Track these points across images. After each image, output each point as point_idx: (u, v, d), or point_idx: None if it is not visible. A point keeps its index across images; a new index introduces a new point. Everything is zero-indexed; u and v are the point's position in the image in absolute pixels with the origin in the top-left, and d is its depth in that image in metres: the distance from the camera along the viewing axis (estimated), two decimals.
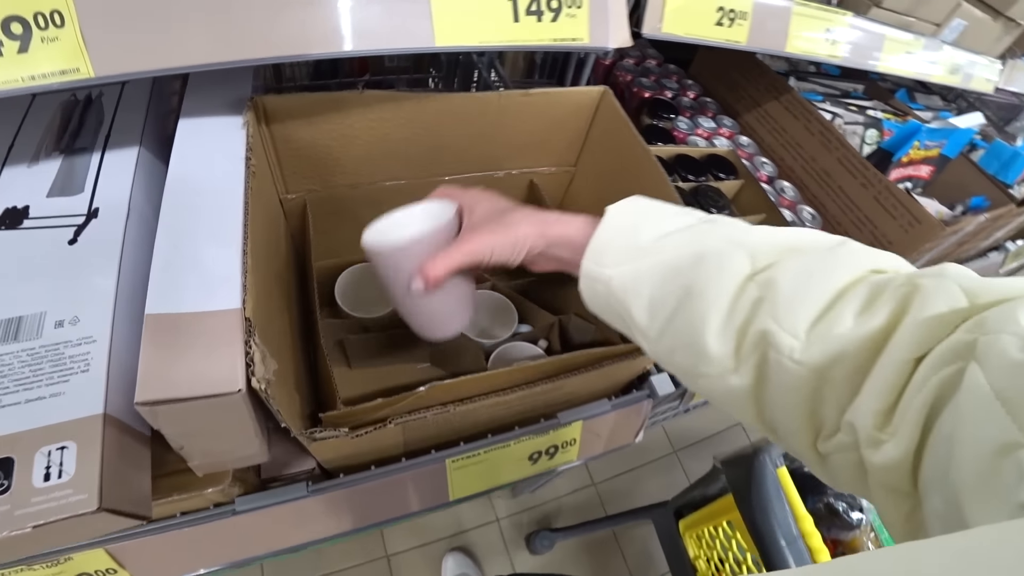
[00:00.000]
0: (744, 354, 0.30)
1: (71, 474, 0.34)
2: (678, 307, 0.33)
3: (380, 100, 0.55)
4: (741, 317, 0.30)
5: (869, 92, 1.01)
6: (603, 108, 0.63)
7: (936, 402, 0.22)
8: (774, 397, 0.29)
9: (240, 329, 0.36)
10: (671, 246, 0.34)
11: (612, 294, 0.36)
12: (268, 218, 0.53)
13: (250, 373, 0.35)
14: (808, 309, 0.28)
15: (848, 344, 0.26)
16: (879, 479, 0.25)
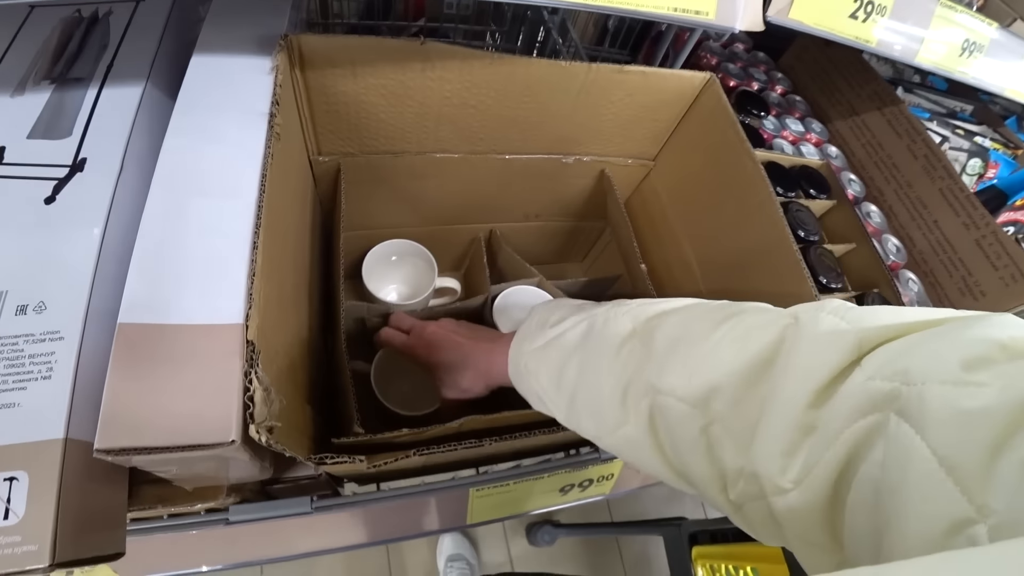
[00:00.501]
0: (632, 404, 0.30)
1: (20, 515, 0.25)
2: (578, 376, 0.33)
3: (444, 56, 0.43)
4: (628, 371, 0.30)
5: (978, 115, 0.85)
6: (704, 99, 0.50)
7: (851, 457, 0.20)
8: (672, 441, 0.28)
9: (240, 353, 0.26)
10: (570, 324, 0.36)
11: (528, 373, 0.37)
12: (292, 185, 0.42)
13: (248, 416, 0.25)
14: (684, 347, 0.28)
15: (724, 374, 0.25)
16: (793, 531, 0.23)
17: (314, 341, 0.46)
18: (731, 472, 0.25)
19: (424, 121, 0.48)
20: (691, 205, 0.54)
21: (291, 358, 0.35)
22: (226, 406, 0.25)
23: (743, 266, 0.49)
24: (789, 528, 0.22)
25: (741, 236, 0.48)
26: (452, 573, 0.92)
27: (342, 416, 0.44)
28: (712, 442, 0.26)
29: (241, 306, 0.27)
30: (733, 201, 0.48)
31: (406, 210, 0.60)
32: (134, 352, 0.25)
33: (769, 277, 0.46)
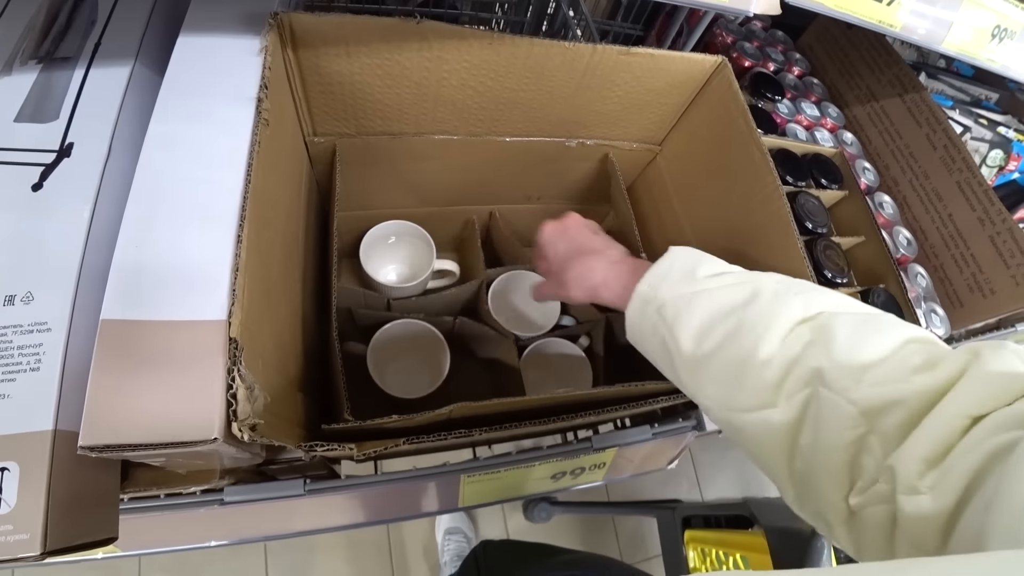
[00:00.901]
0: (789, 389, 0.29)
1: (12, 505, 0.26)
2: (727, 338, 0.31)
3: (442, 35, 0.41)
4: (791, 354, 0.29)
5: (1004, 104, 0.81)
6: (714, 84, 0.48)
7: (985, 466, 0.21)
8: (815, 438, 0.27)
9: (222, 350, 0.26)
10: (727, 283, 0.34)
11: (662, 318, 0.35)
12: (285, 170, 0.41)
13: (231, 413, 0.25)
14: (866, 355, 0.27)
15: (906, 394, 0.25)
16: (907, 532, 0.23)
17: (308, 325, 0.46)
18: (867, 477, 0.25)
19: (422, 102, 0.46)
20: (696, 192, 0.52)
21: (280, 348, 0.35)
22: (209, 403, 0.25)
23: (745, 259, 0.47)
24: (904, 528, 0.23)
25: (745, 228, 0.47)
26: (450, 545, 0.94)
27: (336, 401, 0.44)
28: (863, 449, 0.25)
29: (224, 302, 0.27)
30: (739, 191, 0.46)
31: (404, 191, 0.59)
32: (117, 349, 0.25)
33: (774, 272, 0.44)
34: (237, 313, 0.27)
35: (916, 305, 0.63)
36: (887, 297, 0.56)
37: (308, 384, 0.43)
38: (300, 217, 0.46)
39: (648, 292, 0.36)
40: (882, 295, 0.56)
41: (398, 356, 0.58)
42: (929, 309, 0.65)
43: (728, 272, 0.35)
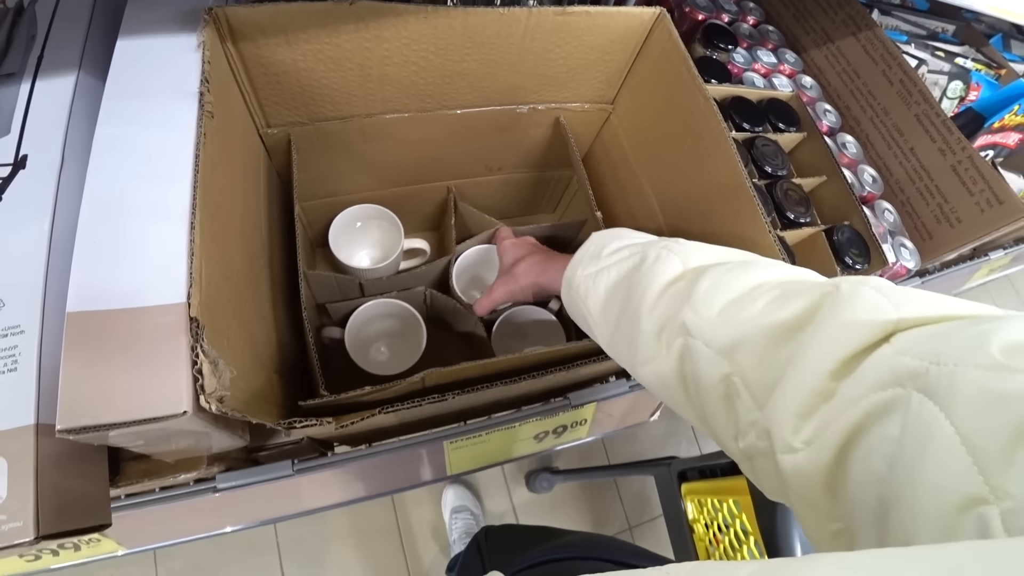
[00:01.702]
0: (666, 340, 0.32)
1: (3, 497, 0.28)
2: (621, 305, 0.36)
3: (376, 14, 0.42)
4: (667, 309, 0.32)
5: (960, 35, 0.82)
6: (656, 36, 0.49)
7: (862, 426, 0.21)
8: (696, 384, 0.30)
9: (185, 330, 0.28)
10: (623, 256, 0.38)
11: (579, 296, 0.40)
12: (238, 163, 0.43)
13: (198, 387, 0.27)
14: (722, 296, 0.29)
15: (753, 328, 0.26)
16: (794, 488, 0.24)
17: (279, 313, 0.48)
18: (743, 424, 0.27)
19: (367, 83, 0.48)
20: (651, 147, 0.54)
21: (248, 331, 0.37)
22: (176, 380, 0.27)
23: (703, 208, 0.49)
24: (792, 486, 0.24)
25: (699, 177, 0.49)
26: (457, 523, 0.98)
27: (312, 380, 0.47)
28: (730, 391, 0.27)
29: (183, 286, 0.29)
30: (689, 141, 0.48)
31: (365, 174, 0.60)
32: (85, 339, 0.27)
33: (729, 218, 0.46)
34: (195, 295, 0.29)
35: (885, 239, 0.65)
36: (852, 233, 0.58)
37: (286, 368, 0.46)
38: (261, 208, 0.48)
39: (569, 275, 0.42)
40: (847, 231, 0.58)
41: (376, 335, 0.61)
42: (898, 243, 0.67)
43: (628, 245, 0.38)
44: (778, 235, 0.54)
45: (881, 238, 0.65)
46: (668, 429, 1.20)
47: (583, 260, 0.41)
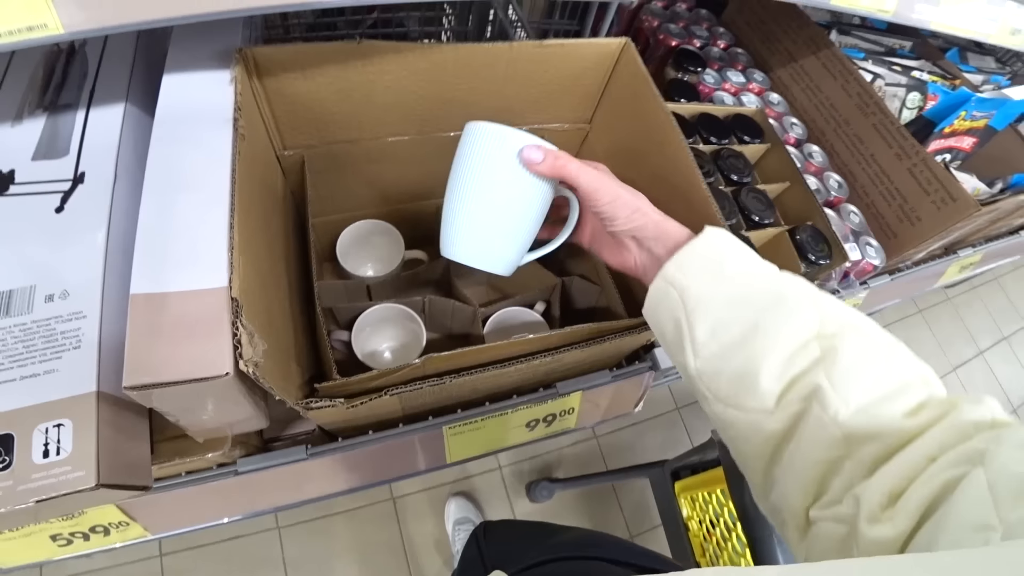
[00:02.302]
0: (787, 401, 0.32)
1: (68, 451, 0.34)
2: (742, 337, 0.34)
3: (380, 51, 0.51)
4: (798, 367, 0.32)
5: (917, 50, 0.91)
6: (623, 62, 0.57)
7: (938, 496, 0.25)
8: (796, 450, 0.31)
9: (227, 309, 0.35)
10: (754, 281, 0.36)
11: (683, 302, 0.37)
12: (262, 179, 0.50)
13: (238, 355, 0.34)
14: (864, 384, 0.30)
15: (888, 432, 0.28)
16: (865, 551, 0.26)
17: (296, 312, 0.55)
18: (831, 496, 0.29)
19: (372, 110, 0.56)
20: (625, 161, 0.62)
21: (272, 322, 0.44)
22: (219, 348, 0.34)
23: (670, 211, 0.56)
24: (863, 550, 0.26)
25: (665, 186, 0.56)
26: (460, 535, 1.02)
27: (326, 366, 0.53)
28: (836, 470, 0.29)
29: (225, 274, 0.36)
30: (655, 152, 0.56)
31: (370, 192, 0.68)
32: (145, 314, 0.34)
33: (691, 219, 0.53)
34: (235, 280, 0.35)
35: (849, 239, 0.72)
36: (813, 232, 0.65)
37: (302, 359, 0.52)
38: (279, 220, 0.56)
39: (674, 274, 0.38)
40: (808, 230, 0.65)
41: (380, 337, 0.67)
42: (864, 242, 0.74)
43: (756, 269, 0.37)
44: (742, 234, 0.61)
45: (848, 237, 0.73)
46: (666, 438, 1.24)
47: (696, 262, 0.38)
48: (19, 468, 0.34)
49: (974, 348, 2.00)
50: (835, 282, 0.70)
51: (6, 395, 0.35)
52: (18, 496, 0.33)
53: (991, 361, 1.99)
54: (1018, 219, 0.88)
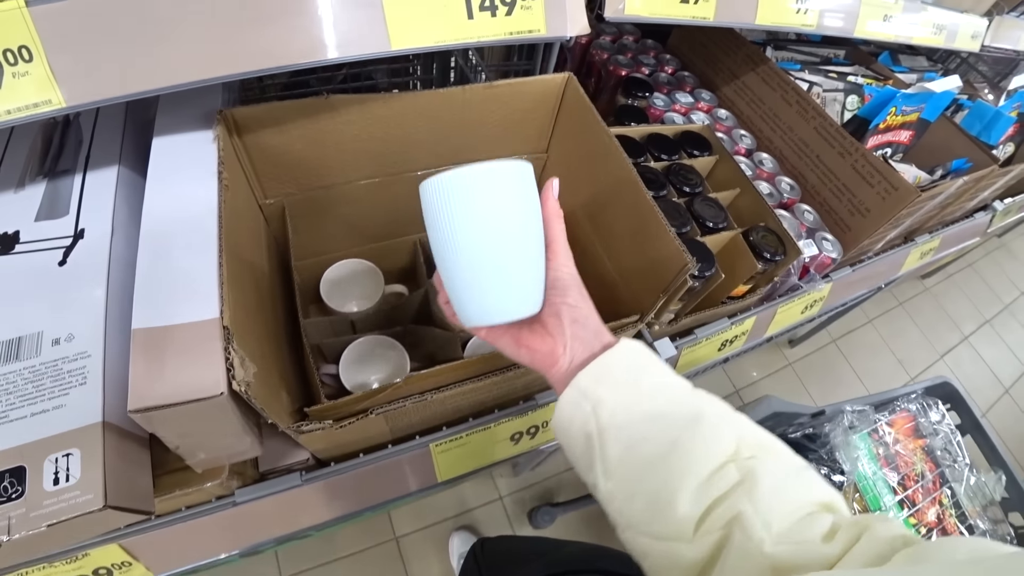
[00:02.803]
0: (706, 528, 0.32)
1: (77, 477, 0.39)
2: (659, 455, 0.33)
3: (347, 104, 0.58)
4: (717, 490, 0.32)
5: (851, 57, 1.00)
6: (568, 94, 0.65)
7: None
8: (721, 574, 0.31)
9: (220, 337, 0.40)
10: (671, 396, 0.36)
11: (596, 416, 0.36)
12: (246, 226, 0.56)
13: (231, 377, 0.39)
14: (785, 509, 0.31)
15: (811, 559, 0.30)
16: None
17: (285, 355, 0.59)
18: None
19: (343, 156, 0.63)
20: (580, 182, 0.68)
21: (262, 352, 0.49)
22: (214, 371, 0.38)
23: (623, 225, 0.62)
24: None
25: (615, 199, 0.62)
26: None
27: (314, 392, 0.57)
28: None
29: (216, 306, 0.41)
30: (604, 171, 0.62)
31: (348, 233, 0.74)
32: (146, 346, 0.39)
33: (640, 229, 0.59)
34: (226, 312, 0.40)
35: (804, 236, 0.78)
36: (766, 231, 0.71)
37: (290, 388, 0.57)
38: (264, 264, 0.61)
39: (589, 384, 0.37)
40: (761, 230, 0.71)
41: (367, 369, 0.72)
42: (820, 238, 0.80)
43: (673, 384, 0.37)
44: (696, 239, 0.67)
45: (803, 235, 0.79)
46: None
47: (612, 374, 0.37)
48: (31, 496, 0.38)
49: (958, 334, 2.08)
50: (795, 277, 0.75)
51: (18, 431, 0.39)
52: (31, 522, 0.37)
53: (976, 345, 2.06)
54: (968, 202, 0.94)
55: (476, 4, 0.52)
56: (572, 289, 0.40)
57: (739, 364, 1.69)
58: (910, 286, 2.18)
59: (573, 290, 0.40)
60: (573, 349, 0.39)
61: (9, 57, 0.39)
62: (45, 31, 0.38)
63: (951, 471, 0.86)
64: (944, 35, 0.93)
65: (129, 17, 0.40)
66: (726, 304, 0.74)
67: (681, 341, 0.72)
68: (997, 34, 0.95)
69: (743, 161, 0.84)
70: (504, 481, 1.21)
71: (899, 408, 0.91)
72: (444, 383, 0.55)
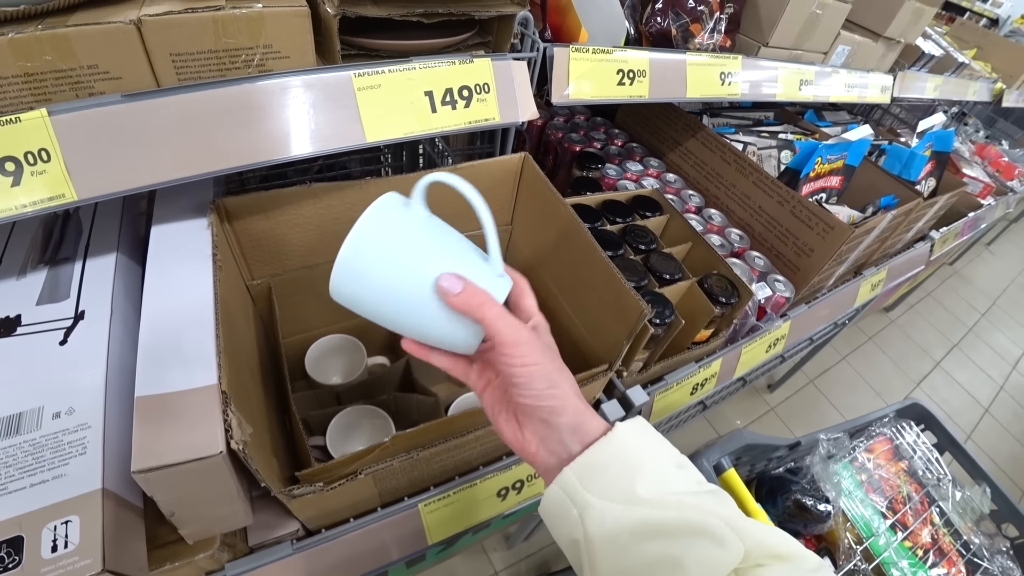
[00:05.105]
0: None
1: (76, 543, 0.41)
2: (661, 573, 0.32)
3: (327, 191, 0.66)
4: None
5: (779, 117, 1.15)
6: (526, 171, 0.74)
7: None
8: None
9: (218, 401, 0.44)
10: (670, 502, 0.33)
11: (583, 524, 0.34)
12: (237, 304, 0.62)
13: (228, 437, 0.43)
14: None
15: None
16: None
17: (274, 427, 0.63)
18: None
19: (324, 237, 0.70)
20: (543, 251, 0.76)
21: (253, 419, 0.53)
22: (212, 432, 0.43)
23: (585, 283, 0.69)
24: None
25: (577, 264, 0.70)
26: None
27: (303, 456, 0.60)
28: None
29: (214, 373, 0.46)
30: (563, 236, 0.70)
31: (331, 309, 0.79)
32: (149, 412, 0.43)
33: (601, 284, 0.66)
34: (224, 378, 0.45)
35: (756, 280, 0.87)
36: (719, 278, 0.79)
37: (280, 457, 0.60)
38: (252, 341, 0.66)
39: (574, 486, 0.34)
40: (713, 277, 0.79)
41: (353, 438, 0.75)
42: (772, 280, 0.88)
43: (673, 485, 0.34)
44: (655, 291, 0.74)
45: (756, 279, 0.87)
46: None
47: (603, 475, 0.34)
48: (28, 565, 0.40)
49: (930, 361, 2.18)
50: (753, 318, 0.83)
51: (17, 502, 0.42)
52: None
53: (949, 369, 2.16)
54: (905, 233, 1.05)
55: (439, 99, 0.62)
56: (536, 380, 0.37)
57: (721, 413, 1.73)
58: (875, 320, 2.30)
59: (537, 381, 0.37)
60: (548, 447, 0.37)
61: (29, 158, 0.45)
62: (63, 135, 0.46)
63: (936, 489, 0.90)
64: (856, 92, 1.09)
65: (135, 123, 0.48)
66: (691, 350, 0.81)
67: (652, 387, 0.77)
68: (903, 86, 1.11)
69: (693, 218, 0.94)
70: (498, 555, 1.19)
71: (875, 433, 0.96)
72: (430, 441, 0.59)
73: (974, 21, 2.38)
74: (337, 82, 0.55)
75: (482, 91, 0.64)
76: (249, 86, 0.51)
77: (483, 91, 0.64)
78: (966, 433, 1.93)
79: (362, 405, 0.74)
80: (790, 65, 0.99)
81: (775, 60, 0.96)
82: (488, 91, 0.65)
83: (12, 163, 0.45)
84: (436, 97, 0.61)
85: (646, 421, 0.38)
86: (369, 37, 0.60)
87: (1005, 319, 2.61)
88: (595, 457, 0.35)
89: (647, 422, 0.38)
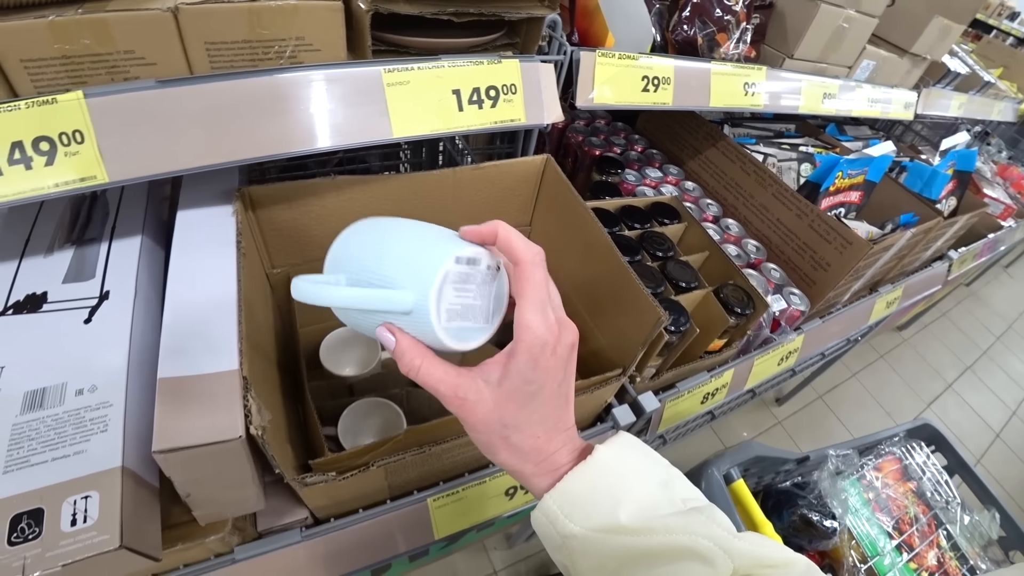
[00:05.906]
0: None
1: (95, 519, 0.42)
2: None
3: (350, 183, 0.66)
4: None
5: (801, 130, 1.15)
6: (547, 173, 0.74)
7: None
8: None
9: (238, 386, 0.45)
10: (655, 526, 0.32)
11: (567, 550, 0.34)
12: (257, 291, 0.63)
13: (248, 422, 0.44)
14: None
15: None
16: None
17: (288, 415, 0.64)
18: None
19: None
20: (562, 252, 0.76)
21: (271, 405, 0.54)
22: (232, 416, 0.43)
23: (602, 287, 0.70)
24: None
25: (596, 268, 0.70)
26: None
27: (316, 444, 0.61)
28: None
29: (236, 359, 0.46)
30: (581, 239, 0.70)
31: None
32: (171, 393, 0.44)
33: (618, 288, 0.66)
34: (245, 364, 0.46)
35: (772, 292, 0.86)
36: (734, 288, 0.79)
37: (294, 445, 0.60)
38: (270, 328, 0.67)
39: (556, 512, 0.34)
40: (730, 287, 0.78)
41: (365, 431, 0.75)
42: (787, 292, 0.88)
43: (659, 507, 0.34)
44: (671, 298, 0.74)
45: (771, 291, 0.87)
46: None
47: (585, 503, 0.34)
48: (48, 537, 0.41)
49: (942, 382, 2.15)
50: (767, 330, 0.83)
51: (39, 475, 0.43)
52: (46, 562, 0.40)
53: (961, 392, 2.13)
54: (923, 252, 1.04)
55: (466, 98, 0.62)
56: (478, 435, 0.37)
57: (728, 424, 1.72)
58: (888, 338, 2.27)
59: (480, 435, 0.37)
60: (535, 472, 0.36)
61: (63, 139, 0.46)
62: (98, 118, 0.46)
63: (944, 512, 0.89)
64: (879, 107, 1.08)
65: (167, 109, 0.48)
66: (704, 358, 0.80)
67: (664, 394, 0.77)
68: (927, 103, 1.10)
69: (711, 227, 0.94)
70: (498, 554, 1.19)
71: (884, 452, 0.95)
72: (443, 436, 0.59)
73: (1000, 40, 2.36)
74: (367, 77, 0.56)
75: (509, 92, 0.65)
76: (281, 77, 0.52)
77: (510, 92, 0.65)
78: (976, 457, 1.91)
79: (374, 398, 0.75)
80: (813, 78, 0.98)
81: (799, 72, 0.96)
82: (515, 92, 0.65)
83: (47, 143, 0.46)
84: (463, 96, 0.62)
85: (631, 436, 0.38)
86: (400, 34, 0.60)
87: (1021, 343, 2.58)
88: (576, 484, 0.34)
89: (632, 437, 0.38)
